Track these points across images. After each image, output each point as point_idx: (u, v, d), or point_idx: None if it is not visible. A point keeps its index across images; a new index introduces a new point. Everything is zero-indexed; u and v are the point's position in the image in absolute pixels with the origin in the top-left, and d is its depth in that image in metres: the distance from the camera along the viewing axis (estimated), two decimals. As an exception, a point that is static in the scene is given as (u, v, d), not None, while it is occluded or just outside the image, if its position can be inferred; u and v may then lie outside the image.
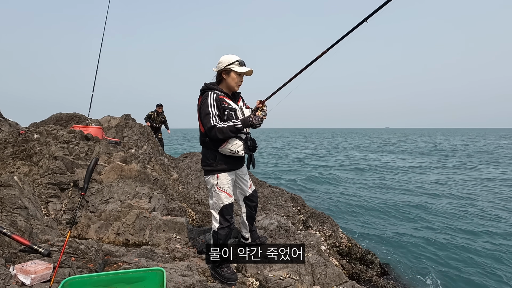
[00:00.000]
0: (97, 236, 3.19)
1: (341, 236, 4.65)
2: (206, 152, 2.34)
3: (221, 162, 2.30)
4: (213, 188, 2.33)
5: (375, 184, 12.38)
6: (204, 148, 2.37)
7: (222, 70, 2.30)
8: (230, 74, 2.30)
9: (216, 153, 2.29)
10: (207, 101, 2.19)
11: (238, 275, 2.51)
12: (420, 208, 8.67)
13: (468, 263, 5.24)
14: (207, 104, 2.18)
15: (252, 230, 2.78)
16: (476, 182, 12.70)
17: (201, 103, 2.24)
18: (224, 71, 2.31)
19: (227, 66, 2.28)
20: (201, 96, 2.31)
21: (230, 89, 2.37)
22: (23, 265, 1.79)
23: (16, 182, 2.95)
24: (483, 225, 7.07)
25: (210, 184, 2.35)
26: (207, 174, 2.37)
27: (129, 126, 8.22)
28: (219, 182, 2.31)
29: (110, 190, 3.70)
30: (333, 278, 2.64)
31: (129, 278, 1.68)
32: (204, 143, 2.33)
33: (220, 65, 2.31)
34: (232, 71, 2.29)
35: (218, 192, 2.31)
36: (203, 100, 2.22)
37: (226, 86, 2.35)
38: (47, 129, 4.71)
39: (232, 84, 2.33)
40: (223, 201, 2.32)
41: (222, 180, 2.32)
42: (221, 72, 2.32)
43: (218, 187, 2.31)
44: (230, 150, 2.24)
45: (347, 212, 8.42)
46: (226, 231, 2.37)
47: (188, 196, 4.90)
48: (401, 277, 4.62)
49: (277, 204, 5.04)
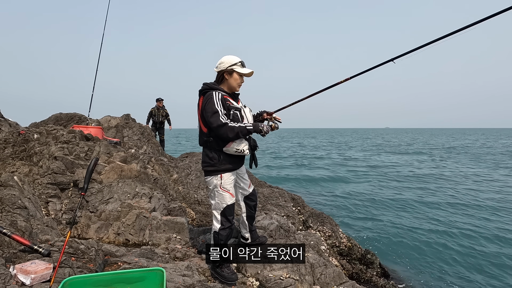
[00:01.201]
0: (97, 236, 3.19)
1: (341, 236, 4.65)
2: (208, 152, 2.31)
3: (225, 162, 2.28)
4: (216, 188, 2.31)
5: (376, 185, 12.39)
6: (206, 149, 2.33)
7: (225, 70, 2.30)
8: (232, 74, 2.31)
9: (220, 153, 2.27)
10: (213, 99, 2.17)
11: (238, 275, 2.51)
12: (419, 208, 8.67)
13: (468, 263, 5.24)
14: (214, 102, 2.16)
15: (252, 230, 2.78)
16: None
17: (206, 103, 2.20)
18: (226, 72, 2.31)
19: (230, 66, 2.28)
20: (202, 96, 2.28)
21: (232, 89, 2.37)
22: (23, 265, 1.79)
23: (16, 182, 2.95)
24: (487, 226, 7.07)
25: (212, 185, 2.32)
26: (209, 174, 2.33)
27: (129, 126, 8.23)
28: (222, 182, 2.30)
29: (110, 190, 3.70)
30: (333, 278, 2.64)
31: (129, 278, 1.68)
32: (206, 143, 2.30)
33: (222, 65, 2.30)
34: (234, 71, 2.30)
35: (222, 192, 2.30)
36: (208, 99, 2.19)
37: (227, 86, 2.36)
38: (47, 129, 4.71)
39: (234, 85, 2.34)
40: (226, 202, 2.31)
41: (225, 180, 2.31)
42: (223, 73, 2.32)
43: (222, 187, 2.30)
44: (237, 149, 2.23)
45: (347, 212, 8.42)
46: (227, 232, 2.36)
47: (188, 196, 4.90)
48: (401, 277, 4.62)
49: (277, 204, 5.03)
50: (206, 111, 2.18)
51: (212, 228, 2.42)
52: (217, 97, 2.19)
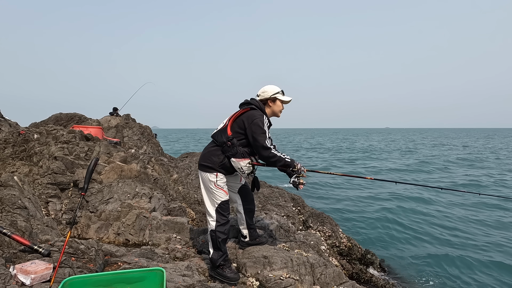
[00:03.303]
0: (97, 236, 3.19)
1: (341, 236, 4.65)
2: (216, 152, 2.37)
3: (224, 167, 2.37)
4: (210, 185, 2.38)
5: (377, 185, 12.38)
6: (216, 147, 2.39)
7: (269, 98, 2.51)
8: (276, 102, 2.52)
9: (226, 160, 2.35)
10: (263, 121, 2.34)
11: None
12: (419, 207, 8.67)
13: (468, 263, 5.24)
14: (264, 124, 2.33)
15: (251, 228, 2.78)
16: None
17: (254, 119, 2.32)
18: (270, 100, 2.52)
19: (273, 95, 2.49)
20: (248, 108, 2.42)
21: (274, 115, 2.59)
22: (23, 265, 1.79)
23: (16, 182, 2.95)
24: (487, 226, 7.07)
25: (207, 181, 2.39)
26: (206, 171, 2.38)
27: (129, 126, 8.23)
28: (218, 180, 2.37)
29: (110, 190, 3.70)
30: (333, 278, 2.63)
31: (129, 278, 1.68)
32: (222, 145, 2.35)
33: (265, 94, 2.51)
34: (277, 99, 2.51)
35: (216, 189, 2.37)
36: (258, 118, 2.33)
37: (270, 112, 2.57)
38: (47, 129, 4.71)
39: (277, 111, 2.56)
40: (221, 198, 2.38)
41: (220, 178, 2.38)
42: (267, 100, 2.52)
43: (216, 185, 2.37)
44: (241, 167, 2.33)
45: (347, 212, 8.42)
46: (224, 227, 2.41)
47: (188, 196, 4.91)
48: (401, 277, 4.62)
49: (277, 204, 5.03)
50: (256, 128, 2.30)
51: (209, 228, 2.44)
52: (265, 121, 2.38)
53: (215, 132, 2.46)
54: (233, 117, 2.41)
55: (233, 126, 2.38)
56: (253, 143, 2.33)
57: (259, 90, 2.56)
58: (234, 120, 2.40)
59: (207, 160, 2.38)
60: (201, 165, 2.42)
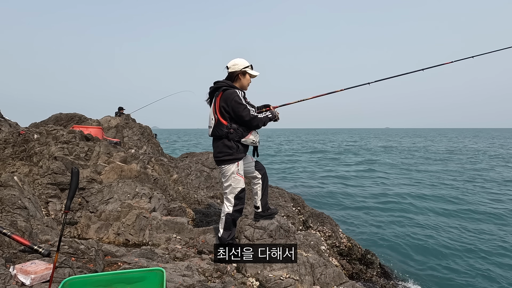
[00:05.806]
0: (97, 236, 3.18)
1: (341, 236, 4.65)
2: (227, 143, 2.52)
3: (241, 151, 2.57)
4: (233, 174, 2.56)
5: (376, 185, 12.38)
6: (224, 139, 2.53)
7: (239, 71, 2.59)
8: (245, 76, 2.63)
9: (238, 143, 2.54)
10: (239, 97, 2.47)
11: (238, 275, 2.51)
12: (419, 207, 8.67)
13: (468, 263, 5.24)
14: (241, 98, 2.47)
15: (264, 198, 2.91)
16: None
17: (231, 99, 2.44)
18: (241, 73, 2.60)
19: (244, 68, 2.59)
20: (221, 92, 2.51)
21: (243, 88, 2.67)
22: (23, 265, 1.79)
23: (16, 182, 2.95)
24: (488, 227, 7.07)
25: (230, 172, 2.56)
26: (227, 163, 2.55)
27: (129, 126, 8.23)
28: (239, 168, 2.58)
29: (110, 190, 3.70)
30: (333, 278, 2.63)
31: (129, 278, 1.67)
32: (227, 135, 2.51)
33: (237, 66, 2.59)
34: (247, 73, 2.62)
35: (238, 177, 2.58)
36: (234, 96, 2.45)
37: (240, 85, 2.65)
38: (47, 129, 4.71)
39: (245, 85, 2.67)
40: (240, 185, 2.60)
41: (240, 166, 2.60)
42: (238, 73, 2.60)
43: (238, 173, 2.58)
44: (253, 140, 2.58)
45: (348, 212, 8.42)
46: (240, 211, 2.67)
47: (188, 196, 4.90)
48: (401, 277, 4.62)
49: (277, 204, 5.03)
50: (237, 107, 2.44)
51: (224, 211, 2.62)
52: (241, 95, 2.50)
53: (212, 130, 2.59)
54: (217, 109, 2.53)
55: (222, 115, 2.51)
56: (241, 120, 2.48)
57: (229, 63, 2.63)
58: (219, 110, 2.51)
59: (225, 153, 2.53)
60: (221, 161, 2.58)
